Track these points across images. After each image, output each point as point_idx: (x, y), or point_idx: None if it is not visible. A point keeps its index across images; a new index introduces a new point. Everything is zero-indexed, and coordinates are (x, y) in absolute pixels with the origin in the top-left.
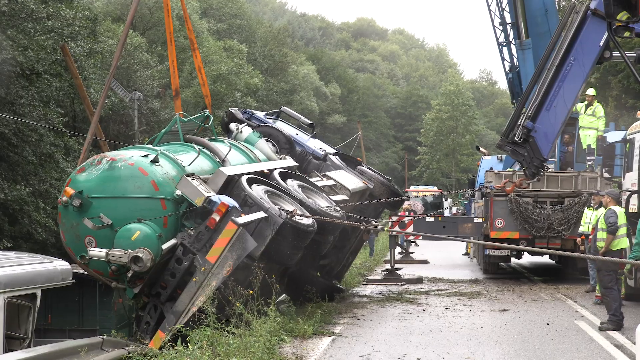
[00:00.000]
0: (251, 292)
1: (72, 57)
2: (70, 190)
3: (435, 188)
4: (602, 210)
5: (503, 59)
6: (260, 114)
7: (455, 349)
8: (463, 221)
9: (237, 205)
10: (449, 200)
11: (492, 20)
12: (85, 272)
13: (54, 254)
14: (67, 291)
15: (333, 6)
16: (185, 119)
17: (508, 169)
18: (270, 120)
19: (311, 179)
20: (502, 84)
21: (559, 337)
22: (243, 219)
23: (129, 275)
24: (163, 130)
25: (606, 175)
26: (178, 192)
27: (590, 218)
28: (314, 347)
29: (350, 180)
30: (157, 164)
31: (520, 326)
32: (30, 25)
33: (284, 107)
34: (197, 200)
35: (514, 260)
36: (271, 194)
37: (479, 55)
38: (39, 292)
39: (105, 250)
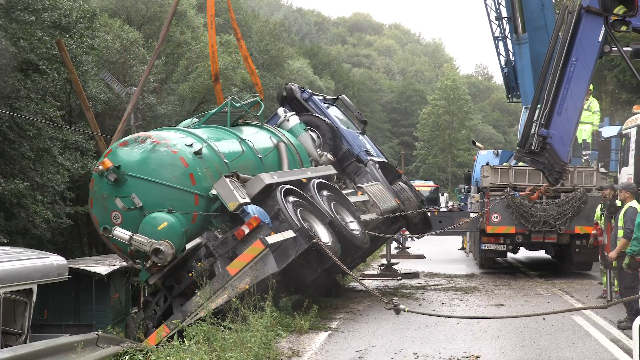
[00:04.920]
0: (247, 287)
1: (69, 53)
2: (108, 163)
3: (432, 183)
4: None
5: (499, 54)
6: (318, 98)
7: (451, 344)
8: (459, 216)
9: (269, 222)
10: (445, 194)
11: (488, 15)
12: (82, 269)
13: (50, 250)
14: (63, 286)
15: (329, 1)
16: (237, 104)
17: (504, 164)
18: (325, 105)
19: (345, 190)
20: (498, 79)
21: (555, 332)
22: (272, 238)
23: (148, 265)
24: (213, 111)
25: (602, 169)
26: (213, 192)
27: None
28: (310, 342)
29: (384, 198)
30: (199, 156)
31: (516, 321)
32: (25, 16)
33: (343, 96)
34: (230, 205)
35: (510, 254)
36: (304, 209)
37: (475, 50)
38: (35, 288)
39: (129, 233)
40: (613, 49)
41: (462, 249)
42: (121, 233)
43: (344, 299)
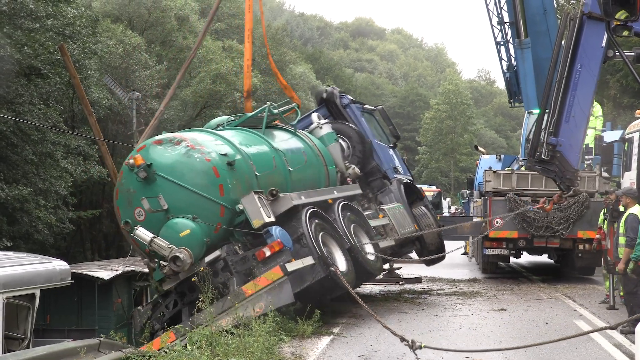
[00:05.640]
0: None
1: (72, 58)
2: (140, 159)
3: (434, 187)
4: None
5: (501, 58)
6: (356, 106)
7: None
8: (462, 221)
9: (290, 247)
10: (448, 199)
11: (490, 20)
12: (84, 274)
13: (53, 255)
14: (66, 291)
15: (331, 6)
16: (275, 110)
17: (507, 169)
18: (359, 113)
19: (367, 211)
20: (501, 84)
21: (558, 337)
22: (292, 266)
23: (165, 270)
24: (250, 114)
25: (605, 174)
26: (240, 207)
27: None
28: (312, 347)
29: (403, 223)
30: (232, 167)
31: (519, 325)
32: (28, 23)
33: (381, 107)
34: (255, 222)
35: (512, 259)
36: (325, 233)
37: (478, 55)
38: (37, 293)
39: (151, 235)
40: (616, 53)
41: (465, 253)
42: (143, 234)
43: (347, 304)
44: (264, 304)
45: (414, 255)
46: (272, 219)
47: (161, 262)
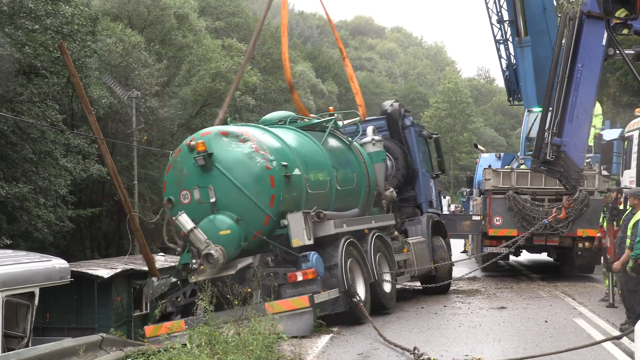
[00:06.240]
0: (249, 290)
1: (72, 57)
2: (202, 146)
3: None
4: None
5: (500, 57)
6: (415, 130)
7: (453, 347)
8: (461, 219)
9: (322, 275)
10: (447, 197)
11: (490, 18)
12: (84, 272)
13: (52, 253)
14: (65, 290)
15: (331, 4)
16: (339, 124)
17: (506, 167)
18: (415, 137)
19: (394, 241)
20: (500, 82)
21: (557, 335)
22: (319, 297)
23: (196, 265)
24: (317, 121)
25: (604, 172)
26: (285, 222)
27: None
28: (312, 345)
29: (423, 260)
30: (289, 181)
31: (518, 323)
32: (28, 23)
33: (438, 137)
34: (295, 241)
35: (512, 257)
36: (354, 260)
37: (477, 53)
38: (37, 291)
39: (192, 224)
40: (617, 52)
41: (465, 251)
42: (185, 221)
43: None
44: (282, 327)
45: None
46: (312, 242)
47: (191, 247)
